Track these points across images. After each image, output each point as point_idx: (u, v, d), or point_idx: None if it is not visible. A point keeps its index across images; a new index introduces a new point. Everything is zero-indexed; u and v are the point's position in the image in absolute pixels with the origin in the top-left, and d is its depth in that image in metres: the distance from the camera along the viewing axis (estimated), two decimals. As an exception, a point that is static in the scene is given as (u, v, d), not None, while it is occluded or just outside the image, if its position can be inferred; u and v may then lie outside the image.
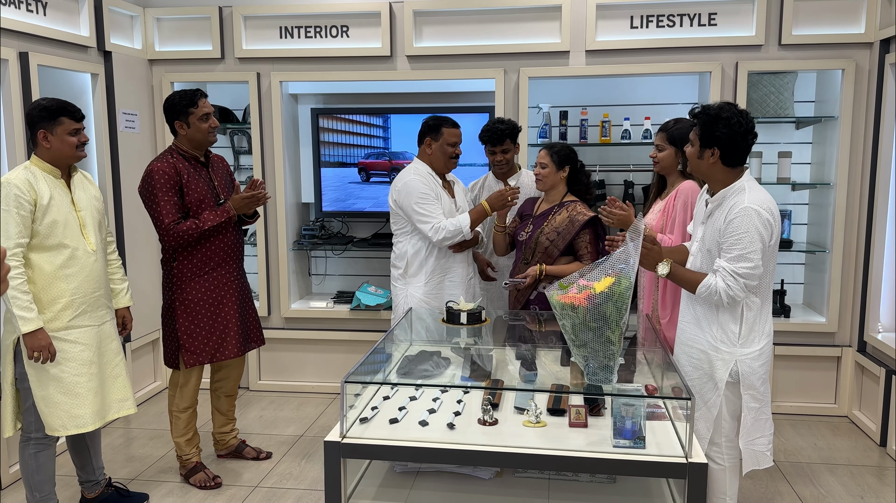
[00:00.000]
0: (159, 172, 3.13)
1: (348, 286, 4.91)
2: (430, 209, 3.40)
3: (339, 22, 4.37)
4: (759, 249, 2.40)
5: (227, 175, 3.44)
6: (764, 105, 4.13)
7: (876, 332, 3.89)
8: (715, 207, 2.52)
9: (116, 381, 2.98)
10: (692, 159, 2.54)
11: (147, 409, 4.36)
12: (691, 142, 2.53)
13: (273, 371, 4.70)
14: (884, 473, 3.49)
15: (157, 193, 3.13)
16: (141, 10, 4.46)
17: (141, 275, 4.35)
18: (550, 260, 3.30)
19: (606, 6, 4.12)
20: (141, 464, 3.62)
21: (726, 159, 2.46)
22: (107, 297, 2.99)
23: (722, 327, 2.53)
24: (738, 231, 2.40)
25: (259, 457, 3.67)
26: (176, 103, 3.20)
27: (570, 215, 3.29)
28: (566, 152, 3.36)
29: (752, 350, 2.52)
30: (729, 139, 2.42)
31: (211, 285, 3.28)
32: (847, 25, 3.97)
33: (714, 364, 2.56)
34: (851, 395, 4.13)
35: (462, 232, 3.40)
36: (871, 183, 3.93)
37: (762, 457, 2.59)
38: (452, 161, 3.52)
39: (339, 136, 4.63)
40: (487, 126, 3.66)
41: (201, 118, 3.20)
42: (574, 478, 2.58)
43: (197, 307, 3.26)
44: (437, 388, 2.73)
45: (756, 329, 2.53)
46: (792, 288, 4.48)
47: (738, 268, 2.41)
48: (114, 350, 2.99)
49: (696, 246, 2.63)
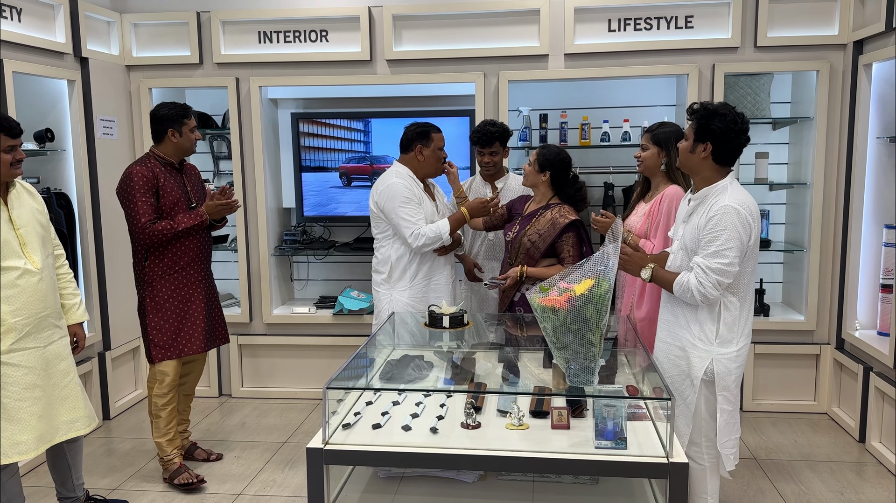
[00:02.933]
0: (138, 174, 3.29)
1: (331, 291, 4.90)
2: (412, 214, 3.40)
3: (318, 26, 4.36)
4: (737, 247, 2.43)
5: (199, 182, 3.62)
6: (741, 106, 4.17)
7: (854, 330, 3.94)
8: (697, 205, 2.55)
9: (66, 403, 2.85)
10: (684, 153, 2.57)
11: (128, 418, 4.32)
12: (685, 136, 2.57)
13: (255, 377, 4.68)
14: (863, 469, 3.54)
15: (136, 194, 3.27)
16: (118, 15, 4.42)
17: (121, 284, 4.31)
18: (532, 261, 3.31)
19: (584, 10, 4.15)
20: (122, 474, 3.59)
21: (717, 156, 2.49)
22: (55, 316, 2.85)
23: (700, 325, 2.56)
24: (717, 228, 2.43)
25: (209, 458, 3.71)
26: (171, 113, 3.37)
27: (552, 218, 3.29)
28: (549, 158, 3.32)
29: (730, 351, 2.55)
30: (723, 134, 2.46)
31: (180, 284, 3.43)
32: (821, 27, 4.03)
33: (691, 361, 2.58)
34: (830, 392, 4.19)
35: (441, 238, 3.41)
36: (846, 182, 3.98)
37: (728, 460, 2.62)
38: (442, 166, 3.56)
39: (320, 140, 4.61)
40: (478, 127, 3.69)
41: (192, 129, 3.43)
42: (557, 480, 2.59)
43: (166, 304, 3.41)
44: (420, 393, 2.73)
45: (735, 330, 2.55)
46: (771, 287, 4.52)
47: (711, 263, 2.43)
48: (62, 370, 2.85)
49: (677, 244, 2.66)
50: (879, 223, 3.81)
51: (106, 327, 4.25)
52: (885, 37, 3.63)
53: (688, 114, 2.58)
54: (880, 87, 3.76)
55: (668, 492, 2.09)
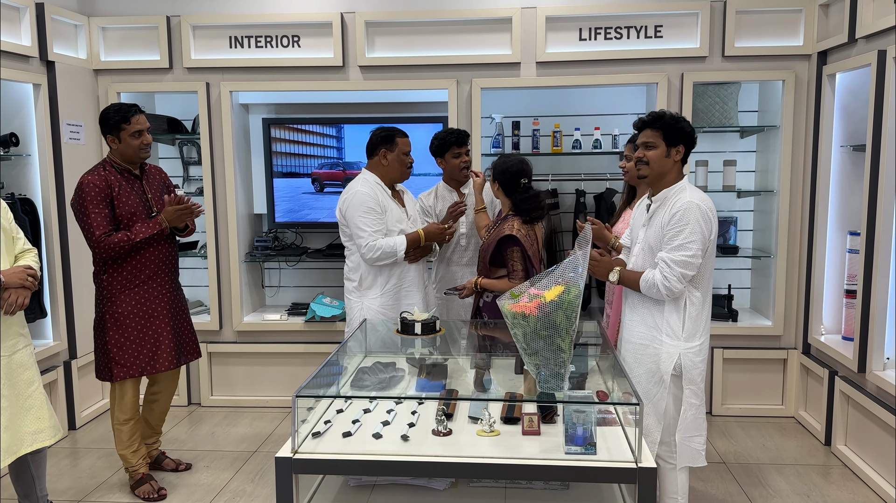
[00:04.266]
0: (90, 185, 3.13)
1: (303, 298, 4.87)
2: (370, 224, 3.36)
3: (290, 32, 4.34)
4: (699, 241, 2.53)
5: (162, 186, 3.41)
6: (709, 115, 4.24)
7: (819, 335, 4.00)
8: (658, 207, 2.65)
9: (29, 413, 2.79)
10: (658, 160, 2.62)
11: (94, 428, 4.24)
12: (651, 145, 2.62)
13: (225, 386, 4.62)
14: (829, 472, 3.59)
15: (88, 206, 3.12)
16: (85, 18, 4.36)
17: (87, 291, 4.23)
18: (486, 270, 3.34)
19: (555, 18, 4.18)
20: (89, 483, 3.52)
21: (685, 157, 2.63)
22: (19, 324, 2.79)
23: (666, 320, 2.64)
24: (680, 223, 2.53)
25: (178, 468, 3.64)
26: (109, 118, 3.18)
27: (499, 228, 3.31)
28: (500, 168, 3.30)
29: (694, 345, 2.64)
30: (692, 136, 2.63)
31: (142, 298, 3.27)
32: (787, 38, 4.11)
33: (660, 357, 2.65)
34: (797, 396, 4.25)
35: (396, 255, 3.39)
36: (812, 190, 4.06)
37: (697, 455, 2.68)
38: (408, 171, 3.52)
39: (292, 146, 4.59)
40: (449, 130, 3.68)
41: (133, 135, 3.18)
42: (528, 486, 2.60)
43: (127, 320, 3.25)
44: (391, 400, 2.72)
45: (698, 324, 2.64)
46: (739, 292, 4.59)
47: (675, 256, 2.53)
48: (27, 380, 2.79)
49: (639, 247, 2.73)
50: (844, 230, 3.88)
51: (72, 335, 4.17)
52: (848, 48, 3.71)
53: (644, 125, 2.64)
54: (844, 97, 3.84)
55: (637, 496, 2.10)
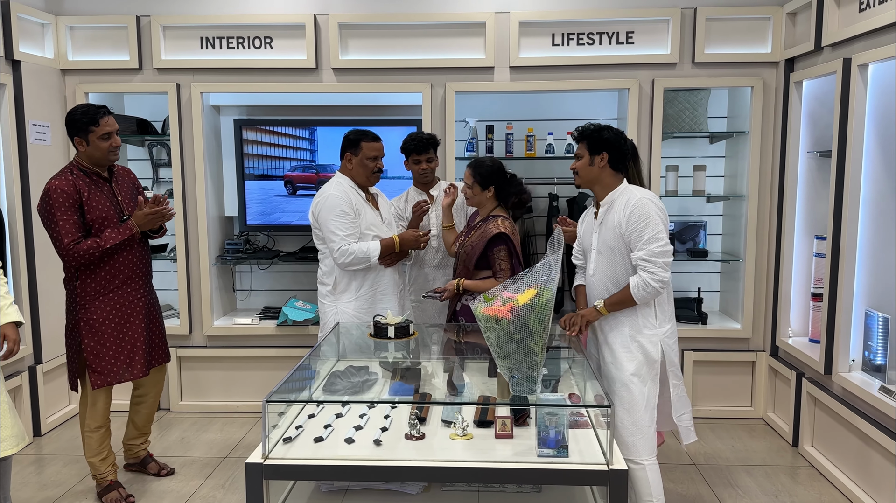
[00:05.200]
0: (57, 191, 3.03)
1: (275, 301, 4.82)
2: (342, 228, 3.34)
3: (262, 33, 4.31)
4: (664, 229, 2.64)
5: (132, 188, 3.35)
6: (679, 120, 4.29)
7: (787, 337, 4.07)
8: (606, 211, 2.74)
9: None
10: (583, 169, 2.76)
11: (60, 434, 4.15)
12: (578, 156, 2.77)
13: (195, 391, 4.56)
14: (796, 472, 3.65)
15: (56, 213, 3.03)
16: (53, 17, 4.28)
17: (53, 294, 4.15)
18: (468, 272, 3.33)
19: (529, 23, 4.21)
20: (54, 492, 3.44)
21: (613, 162, 2.73)
22: None
23: (642, 313, 2.72)
24: (641, 218, 2.62)
25: (160, 472, 3.59)
26: (77, 119, 3.09)
27: (484, 229, 3.32)
28: (489, 171, 3.32)
29: (666, 329, 2.76)
30: (615, 141, 2.72)
31: (116, 304, 3.21)
32: (755, 45, 4.18)
33: (647, 350, 2.71)
34: (766, 398, 4.32)
35: (369, 260, 3.37)
36: (779, 194, 4.13)
37: (690, 432, 2.81)
38: (375, 175, 3.48)
39: (264, 148, 4.55)
40: (412, 136, 3.68)
41: (101, 137, 3.10)
42: (501, 489, 2.60)
43: (102, 327, 3.18)
44: (364, 404, 2.71)
45: (666, 310, 2.76)
46: (708, 296, 4.65)
47: (651, 249, 2.60)
48: None
49: (595, 251, 2.79)
50: (810, 234, 3.95)
51: (37, 340, 4.09)
52: (815, 56, 3.78)
53: (575, 139, 2.80)
54: (810, 104, 3.91)
55: (609, 498, 2.12)
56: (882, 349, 3.27)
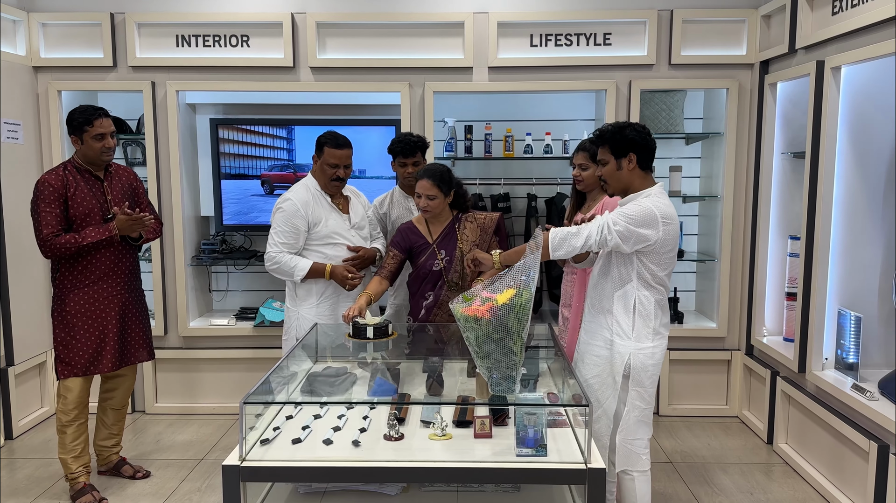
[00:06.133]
0: (44, 184, 3.15)
1: (252, 302, 4.78)
2: (283, 238, 3.32)
3: (239, 31, 4.27)
4: (640, 221, 2.46)
5: (127, 189, 3.37)
6: (656, 121, 4.33)
7: (762, 336, 4.12)
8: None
9: None
10: (611, 175, 2.60)
11: (32, 437, 4.08)
12: (602, 162, 2.61)
13: (171, 392, 4.50)
14: (771, 470, 3.70)
15: (40, 204, 3.13)
16: (25, 14, 4.20)
17: (25, 296, 4.08)
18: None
19: (507, 24, 4.22)
20: (25, 496, 3.38)
21: (642, 162, 2.56)
22: None
23: (616, 319, 2.60)
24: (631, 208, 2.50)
25: (135, 475, 3.55)
26: (74, 118, 3.20)
27: (480, 224, 3.29)
28: (449, 177, 3.20)
29: (645, 346, 2.59)
30: (641, 139, 2.54)
31: (91, 298, 3.25)
32: (731, 47, 4.23)
33: (613, 358, 2.62)
34: (741, 396, 4.37)
35: (293, 277, 3.35)
36: (754, 195, 4.18)
37: (637, 458, 2.64)
38: (333, 184, 3.37)
39: (241, 147, 4.51)
40: (399, 138, 3.55)
41: (95, 137, 3.18)
42: (480, 489, 2.60)
43: (73, 319, 3.24)
44: (343, 405, 2.69)
45: (649, 325, 2.59)
46: (685, 295, 4.69)
47: (612, 218, 2.48)
48: None
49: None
50: (785, 234, 4.01)
51: (8, 341, 4.01)
52: (788, 58, 3.83)
53: (593, 144, 2.66)
54: (784, 106, 3.97)
55: (587, 497, 2.12)
56: (854, 347, 3.32)
